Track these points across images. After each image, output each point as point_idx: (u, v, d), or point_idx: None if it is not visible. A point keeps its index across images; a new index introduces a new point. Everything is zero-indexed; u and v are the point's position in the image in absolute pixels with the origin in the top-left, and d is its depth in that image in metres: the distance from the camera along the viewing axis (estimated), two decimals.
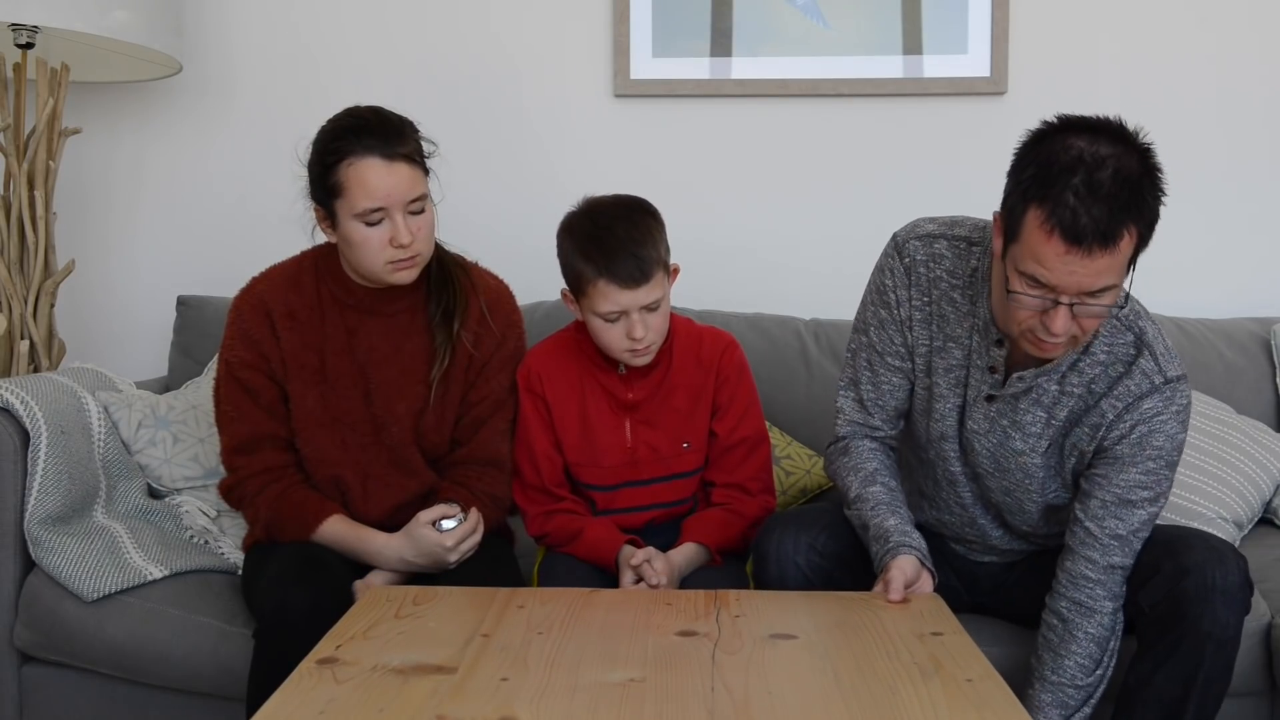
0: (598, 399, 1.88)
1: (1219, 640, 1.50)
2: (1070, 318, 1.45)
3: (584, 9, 2.71)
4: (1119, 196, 1.39)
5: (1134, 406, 1.57)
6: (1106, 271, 1.41)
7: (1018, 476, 1.66)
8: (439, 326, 1.85)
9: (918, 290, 1.67)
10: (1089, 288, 1.42)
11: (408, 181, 1.73)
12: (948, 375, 1.67)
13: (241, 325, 1.85)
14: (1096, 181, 1.39)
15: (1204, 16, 2.64)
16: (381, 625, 1.41)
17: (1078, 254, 1.39)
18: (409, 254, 1.75)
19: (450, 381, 1.86)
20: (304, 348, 1.84)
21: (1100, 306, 1.44)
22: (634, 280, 1.74)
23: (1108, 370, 1.59)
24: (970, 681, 1.24)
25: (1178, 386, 1.58)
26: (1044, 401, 1.62)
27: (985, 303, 1.61)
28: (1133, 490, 1.58)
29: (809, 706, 1.19)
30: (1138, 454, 1.57)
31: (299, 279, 1.87)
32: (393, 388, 1.85)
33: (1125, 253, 1.42)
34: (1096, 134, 1.43)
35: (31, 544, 1.95)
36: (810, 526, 1.67)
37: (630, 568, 1.76)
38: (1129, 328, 1.60)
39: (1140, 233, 1.42)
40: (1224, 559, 1.53)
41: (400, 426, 1.85)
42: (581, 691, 1.21)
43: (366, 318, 1.85)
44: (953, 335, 1.66)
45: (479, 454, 1.87)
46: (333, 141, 1.74)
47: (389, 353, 1.85)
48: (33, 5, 2.28)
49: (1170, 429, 1.58)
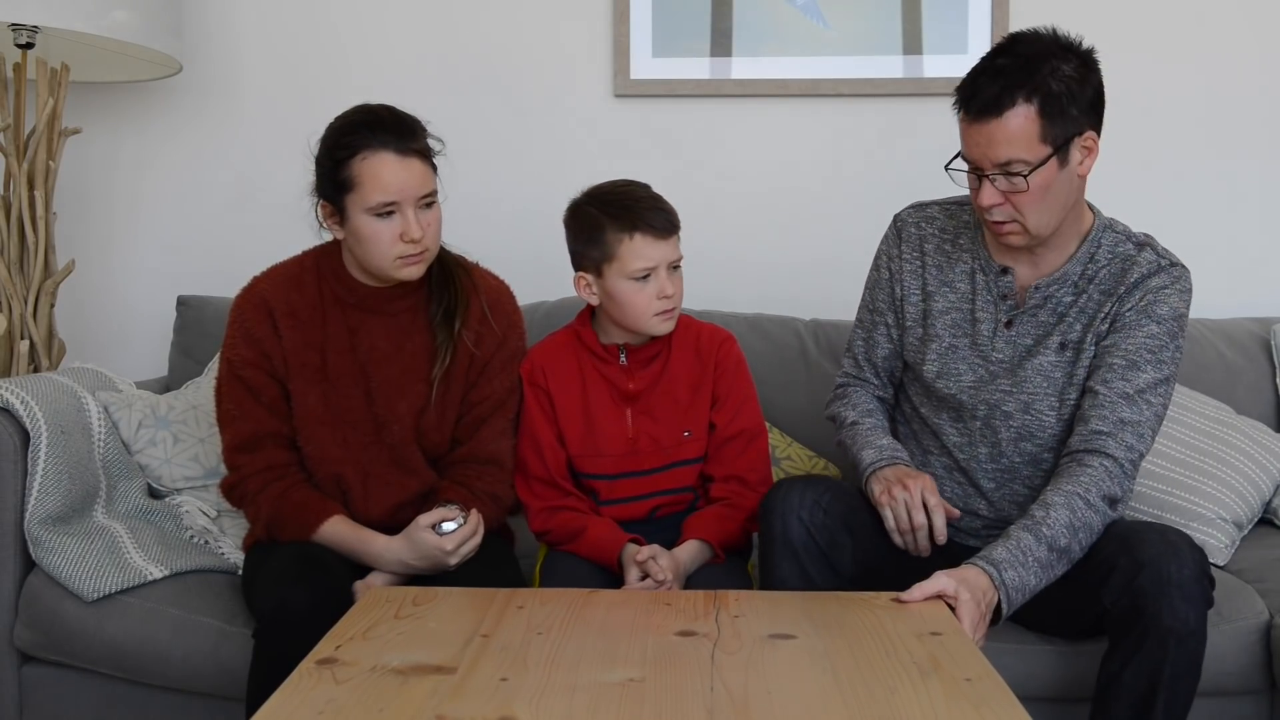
0: (599, 389, 1.90)
1: (1180, 635, 1.50)
2: (997, 192, 1.63)
3: (584, 9, 2.71)
4: (1008, 70, 1.60)
5: (1140, 284, 1.71)
6: (1004, 142, 1.60)
7: (1038, 383, 1.74)
8: (440, 325, 1.85)
9: (908, 246, 1.86)
10: (995, 158, 1.61)
11: (420, 177, 1.75)
12: (943, 317, 1.81)
13: (243, 324, 1.85)
14: (996, 63, 1.62)
15: (1203, 16, 2.64)
16: (381, 626, 1.41)
17: (976, 124, 1.62)
18: (419, 249, 1.76)
19: (451, 381, 1.86)
20: (305, 346, 1.84)
21: (1018, 179, 1.60)
22: (666, 230, 1.81)
23: (1112, 267, 1.74)
24: (969, 681, 1.24)
25: (1181, 271, 1.74)
26: (1060, 310, 1.75)
27: (982, 245, 1.78)
28: (1139, 353, 1.68)
29: (808, 705, 1.19)
30: (1143, 318, 1.69)
31: (300, 278, 1.87)
32: (394, 386, 1.85)
33: (1024, 125, 1.59)
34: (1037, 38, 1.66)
35: (31, 544, 1.95)
36: (816, 486, 1.71)
37: (636, 564, 1.77)
38: (1129, 238, 1.77)
39: (1042, 106, 1.59)
40: (1178, 552, 1.53)
41: (401, 425, 1.85)
42: (581, 691, 1.21)
43: (368, 316, 1.85)
44: (947, 280, 1.81)
45: (479, 453, 1.87)
46: (345, 136, 1.75)
47: (390, 351, 1.85)
48: (33, 5, 2.29)
49: (1174, 301, 1.71)
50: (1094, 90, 1.65)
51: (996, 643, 1.73)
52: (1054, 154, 1.61)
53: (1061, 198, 1.66)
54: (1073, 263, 1.74)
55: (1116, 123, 2.65)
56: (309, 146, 1.80)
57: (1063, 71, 1.61)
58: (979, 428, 1.79)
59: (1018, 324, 1.76)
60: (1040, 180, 1.61)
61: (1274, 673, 1.79)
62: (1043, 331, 1.75)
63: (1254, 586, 1.90)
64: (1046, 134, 1.60)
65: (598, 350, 1.91)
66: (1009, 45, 1.64)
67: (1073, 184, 1.67)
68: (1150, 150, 2.67)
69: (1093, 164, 1.67)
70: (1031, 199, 1.63)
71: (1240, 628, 1.79)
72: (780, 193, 2.71)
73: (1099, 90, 1.66)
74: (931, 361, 1.80)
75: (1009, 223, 1.66)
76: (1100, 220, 1.77)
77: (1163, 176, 2.67)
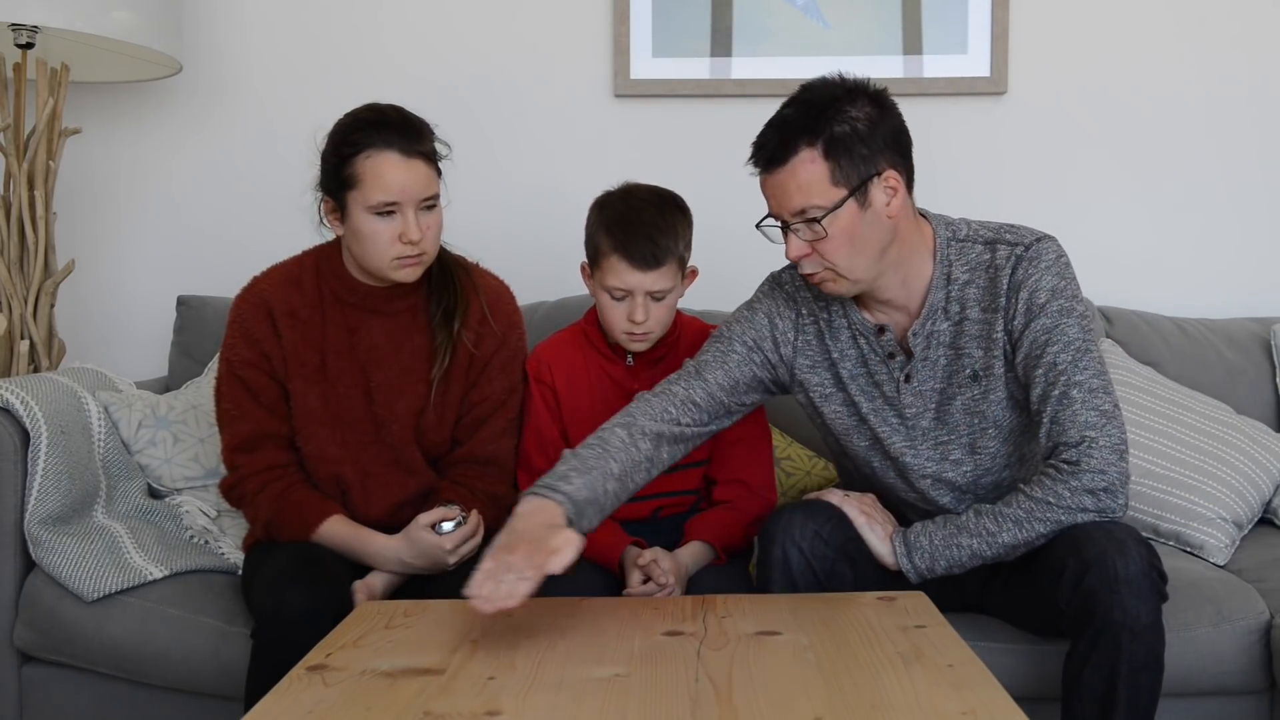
0: (605, 389, 1.91)
1: (1133, 630, 1.49)
2: (803, 244, 1.61)
3: (584, 9, 2.71)
4: (791, 119, 1.59)
5: (1012, 284, 1.66)
6: (795, 190, 1.58)
7: (969, 421, 1.71)
8: (439, 326, 1.85)
9: (804, 310, 1.79)
10: (790, 208, 1.60)
11: (423, 179, 1.75)
12: (854, 383, 1.76)
13: (243, 324, 1.85)
14: (781, 113, 1.62)
15: (1203, 16, 2.64)
16: (372, 635, 1.42)
17: (768, 176, 1.62)
18: (416, 251, 1.76)
19: (451, 381, 1.87)
20: (305, 346, 1.84)
21: (817, 226, 1.58)
22: (645, 263, 1.80)
23: (975, 280, 1.69)
24: (951, 666, 1.26)
25: (1039, 246, 1.67)
26: (946, 340, 1.70)
27: (855, 309, 1.73)
28: (1041, 348, 1.62)
29: (791, 692, 1.20)
30: (1028, 319, 1.64)
31: (300, 278, 1.87)
32: (393, 387, 1.85)
33: (811, 170, 1.57)
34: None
35: (31, 544, 1.95)
36: (817, 515, 1.69)
37: (638, 567, 1.77)
38: (974, 240, 1.70)
39: (826, 150, 1.57)
40: (1124, 548, 1.51)
41: (400, 425, 1.85)
42: (567, 687, 1.23)
43: (368, 316, 1.85)
44: (840, 348, 1.76)
45: (479, 453, 1.88)
46: (351, 133, 1.75)
47: (390, 351, 1.85)
48: (33, 5, 2.29)
49: (1046, 283, 1.64)
50: (891, 129, 1.61)
51: (987, 643, 1.74)
52: (850, 195, 1.58)
53: (873, 241, 1.62)
54: (933, 292, 1.68)
55: (1117, 123, 2.68)
56: (316, 142, 1.80)
57: (848, 113, 1.58)
58: (929, 484, 1.76)
59: (916, 375, 1.71)
60: (841, 225, 1.59)
61: (1274, 673, 1.79)
62: (945, 371, 1.71)
63: (1254, 586, 1.90)
64: (837, 177, 1.58)
65: (604, 350, 1.92)
66: (798, 96, 1.63)
67: (881, 225, 1.61)
68: (1150, 150, 2.67)
69: (901, 203, 1.62)
70: (836, 245, 1.60)
71: (1240, 628, 1.79)
72: None
73: (898, 128, 1.62)
74: (864, 426, 1.76)
75: (822, 271, 1.63)
76: (942, 235, 1.70)
77: (1163, 177, 2.67)
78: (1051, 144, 2.68)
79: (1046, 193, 2.68)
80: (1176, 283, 2.64)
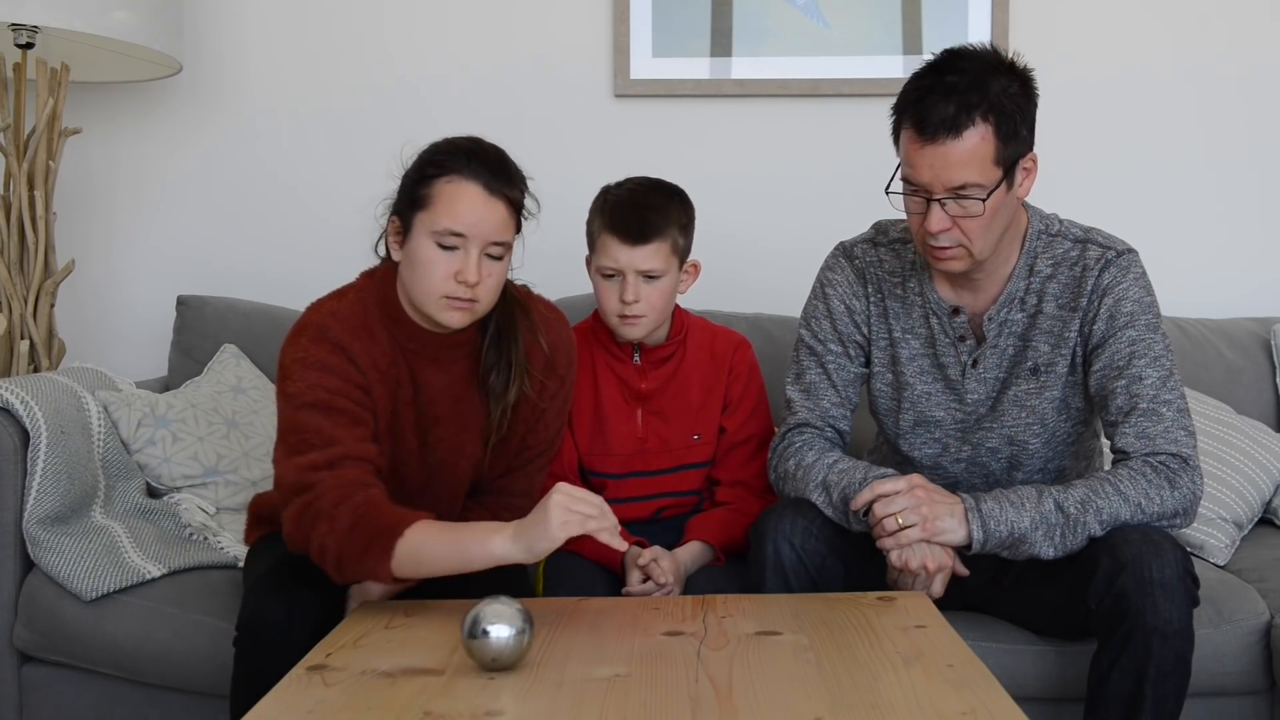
0: (611, 387, 1.91)
1: (1164, 634, 1.49)
2: (946, 217, 1.56)
3: (584, 9, 2.71)
4: (960, 87, 1.51)
5: (1098, 287, 1.66)
6: (960, 164, 1.52)
7: (1016, 414, 1.71)
8: (495, 397, 1.72)
9: (871, 286, 1.78)
10: (949, 182, 1.53)
11: (499, 221, 1.62)
12: (911, 364, 1.75)
13: (323, 364, 1.63)
14: (946, 80, 1.52)
15: (1204, 17, 2.64)
16: (372, 635, 1.42)
17: (929, 146, 1.52)
18: (469, 295, 1.61)
19: (510, 433, 1.77)
20: (385, 400, 1.70)
21: (972, 203, 1.54)
22: (632, 237, 1.80)
23: (1058, 275, 1.69)
24: (951, 666, 1.26)
25: (1130, 257, 1.68)
26: (1017, 332, 1.70)
27: (931, 288, 1.73)
28: (1127, 359, 1.63)
29: (791, 691, 1.20)
30: (1112, 327, 1.64)
31: (370, 328, 1.68)
32: (449, 445, 1.74)
33: (980, 146, 1.52)
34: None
35: (30, 544, 1.95)
36: (808, 511, 1.69)
37: (637, 567, 1.77)
38: (1064, 236, 1.71)
39: (997, 126, 1.53)
40: (1160, 551, 1.51)
41: (453, 475, 1.77)
42: (567, 686, 1.23)
43: (426, 365, 1.72)
44: (909, 327, 1.76)
45: (516, 486, 1.80)
46: (442, 155, 1.64)
47: (449, 406, 1.73)
48: (33, 5, 2.29)
49: (1134, 294, 1.65)
50: (1034, 107, 1.60)
51: (989, 643, 1.74)
52: (1005, 176, 1.56)
53: (1004, 221, 1.61)
54: (1013, 281, 1.69)
55: (1116, 123, 2.68)
56: (401, 158, 1.67)
57: (1011, 90, 1.55)
58: (963, 470, 1.78)
59: (983, 361, 1.72)
60: (991, 204, 1.56)
61: (1274, 673, 1.79)
62: (1010, 361, 1.72)
63: (1254, 586, 1.90)
64: (1000, 155, 1.54)
65: (612, 348, 1.92)
66: (952, 61, 1.55)
67: (1012, 207, 1.62)
68: (1150, 150, 2.67)
69: (1031, 185, 1.62)
70: (981, 224, 1.57)
71: (1240, 628, 1.79)
72: (780, 193, 2.71)
73: (1035, 111, 1.61)
74: (906, 411, 1.77)
75: (953, 248, 1.60)
76: (1035, 225, 1.71)
77: (1162, 177, 2.68)
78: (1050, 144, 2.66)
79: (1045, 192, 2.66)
80: (1176, 282, 2.63)
